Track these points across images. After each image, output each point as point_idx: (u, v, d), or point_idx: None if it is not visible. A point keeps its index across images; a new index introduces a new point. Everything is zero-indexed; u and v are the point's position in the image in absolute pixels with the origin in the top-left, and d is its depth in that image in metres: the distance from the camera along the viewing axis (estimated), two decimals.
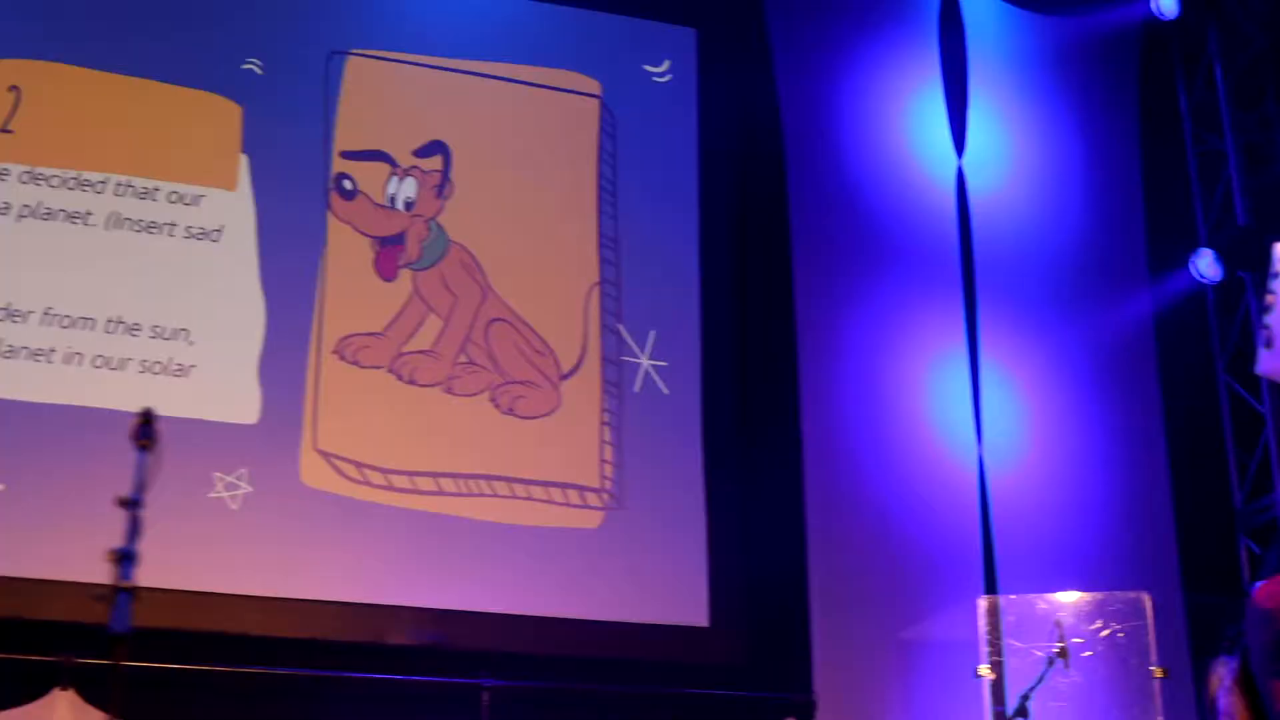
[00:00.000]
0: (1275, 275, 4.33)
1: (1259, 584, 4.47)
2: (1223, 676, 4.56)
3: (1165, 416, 9.27)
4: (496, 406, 8.20)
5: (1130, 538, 8.98)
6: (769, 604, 8.37)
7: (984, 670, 7.24)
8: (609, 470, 8.32)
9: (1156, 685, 7.23)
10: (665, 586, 8.25)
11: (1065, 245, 9.34)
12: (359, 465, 7.88)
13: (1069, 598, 7.43)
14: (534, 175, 8.61)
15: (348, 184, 8.21)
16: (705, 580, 8.32)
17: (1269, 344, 4.31)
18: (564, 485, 8.21)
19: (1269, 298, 4.31)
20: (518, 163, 8.60)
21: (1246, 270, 9.41)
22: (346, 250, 8.15)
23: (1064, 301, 9.23)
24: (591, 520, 8.23)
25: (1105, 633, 7.36)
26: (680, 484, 8.43)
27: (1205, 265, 9.20)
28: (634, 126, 8.87)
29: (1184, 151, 9.82)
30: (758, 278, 8.89)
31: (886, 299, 8.87)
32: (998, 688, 7.45)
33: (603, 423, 8.38)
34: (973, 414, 8.84)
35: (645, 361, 8.53)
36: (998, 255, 9.16)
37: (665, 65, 9.02)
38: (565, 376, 8.37)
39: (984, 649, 7.24)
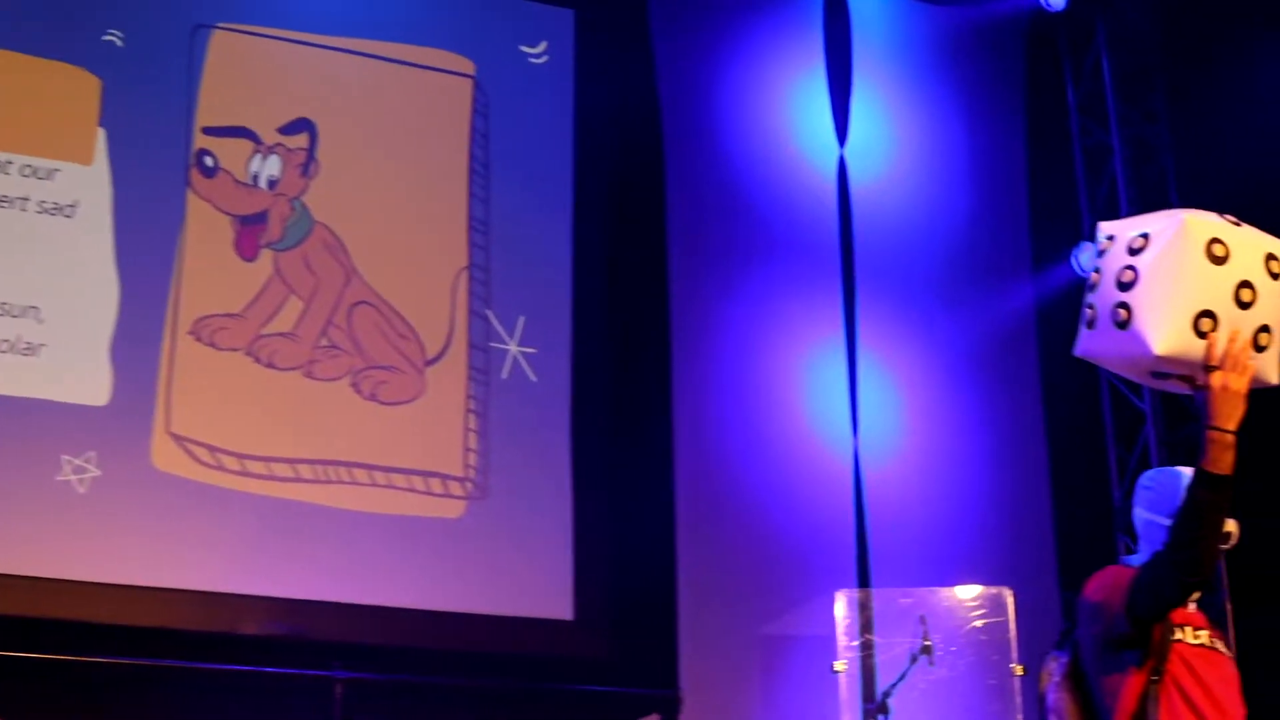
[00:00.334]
0: (1101, 254, 4.19)
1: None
2: (1053, 672, 4.44)
3: (1045, 411, 9.18)
4: (358, 392, 8.00)
5: (1008, 533, 8.89)
6: (636, 598, 8.20)
7: (839, 666, 7.10)
8: (473, 459, 8.13)
9: (1016, 683, 7.12)
10: (528, 578, 8.08)
11: (948, 237, 9.23)
12: (213, 450, 7.66)
13: (934, 593, 7.31)
14: (403, 156, 8.40)
15: (209, 161, 7.98)
16: (570, 573, 8.15)
17: (1091, 324, 4.17)
18: (426, 473, 8.02)
19: (1094, 276, 4.17)
20: (387, 143, 8.38)
21: None
22: (206, 229, 7.92)
23: (945, 294, 9.13)
24: (454, 510, 8.04)
25: (969, 628, 7.24)
26: (546, 474, 8.26)
27: (1086, 259, 9.08)
28: (508, 108, 8.68)
29: (1070, 144, 9.72)
30: (632, 265, 8.72)
31: (764, 288, 8.72)
32: (869, 683, 7.32)
33: (468, 410, 8.19)
34: (849, 406, 8.71)
35: (514, 348, 8.35)
36: (879, 246, 9.03)
37: (542, 46, 8.84)
38: (430, 362, 8.18)
39: (840, 644, 7.10)
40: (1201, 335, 3.94)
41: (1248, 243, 4.02)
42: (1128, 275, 4.03)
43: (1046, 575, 8.91)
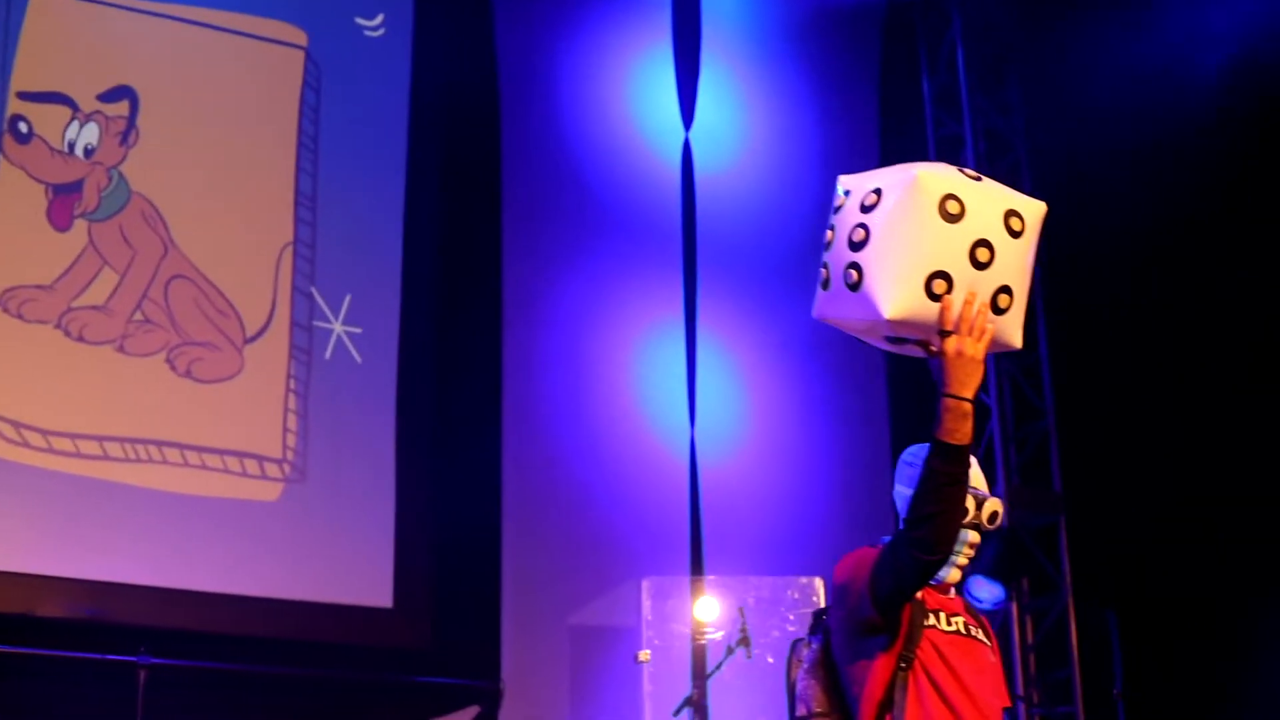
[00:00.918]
0: (837, 210, 3.98)
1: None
2: (804, 658, 4.24)
3: (890, 399, 9.04)
4: (173, 368, 7.73)
5: (853, 523, 8.74)
6: (458, 586, 7.99)
7: (643, 656, 6.92)
8: (292, 440, 7.88)
9: None
10: (347, 564, 7.84)
11: (795, 224, 9.04)
12: (17, 425, 7.37)
13: (749, 581, 7.15)
14: (229, 127, 8.13)
15: (23, 126, 7.69)
16: (391, 559, 7.92)
17: (825, 285, 3.95)
18: (242, 454, 7.76)
19: (828, 234, 3.96)
20: (212, 113, 8.11)
21: None
22: (17, 197, 7.62)
23: (792, 281, 8.94)
24: (270, 492, 7.79)
25: (791, 616, 7.09)
26: (369, 457, 8.02)
27: None
28: (341, 81, 8.44)
29: (924, 134, 9.57)
30: (464, 245, 8.50)
31: (600, 271, 8.53)
32: (699, 673, 7.15)
33: (288, 390, 7.95)
34: (687, 392, 8.52)
35: (338, 327, 8.11)
36: (724, 231, 8.86)
37: (379, 19, 8.59)
38: (250, 340, 7.92)
39: (645, 634, 6.92)
40: (935, 298, 3.74)
41: (986, 198, 3.80)
42: (859, 234, 3.81)
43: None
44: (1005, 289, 3.80)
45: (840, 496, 8.77)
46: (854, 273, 3.82)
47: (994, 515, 4.18)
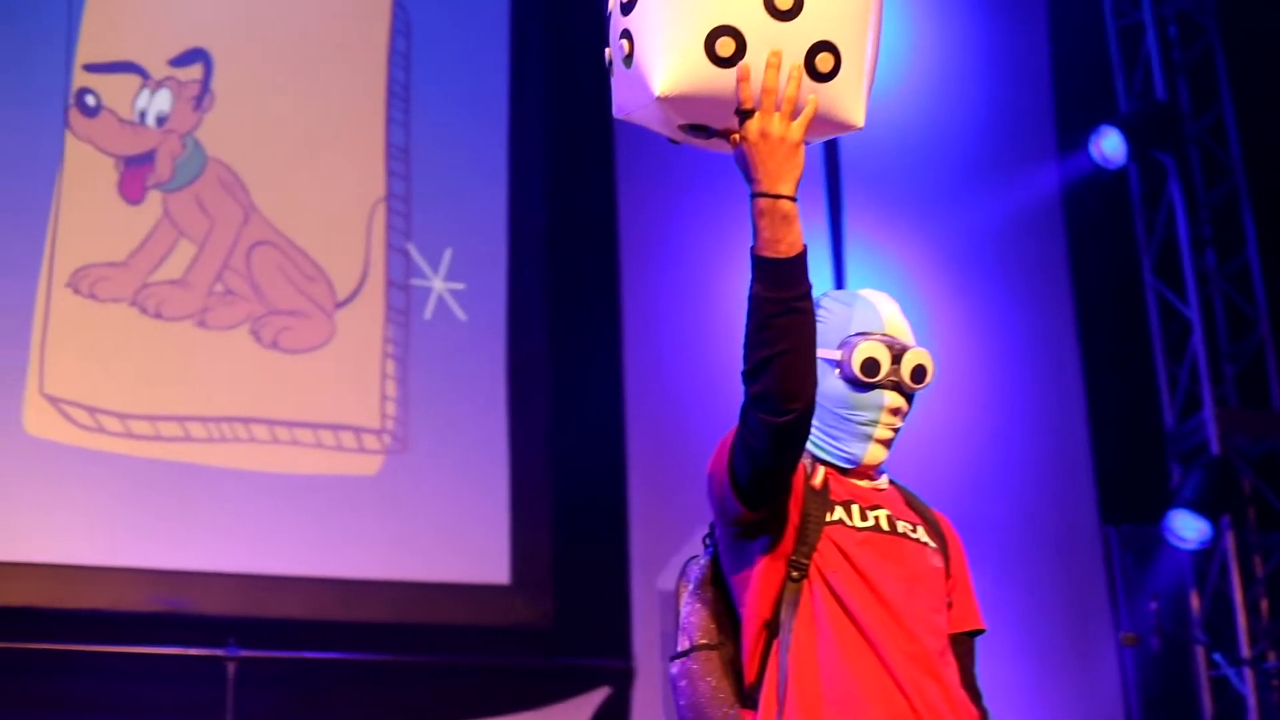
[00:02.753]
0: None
1: None
2: (690, 578, 3.36)
3: (1079, 323, 8.00)
4: (258, 340, 7.20)
5: (1042, 459, 7.79)
6: (582, 558, 7.26)
7: None
8: (391, 409, 7.28)
9: None
10: (457, 539, 7.20)
11: (961, 134, 8.13)
12: (92, 411, 6.93)
13: None
14: (311, 82, 7.58)
15: (90, 100, 7.27)
16: (506, 531, 7.24)
17: (609, 67, 3.09)
18: (336, 427, 7.19)
19: (611, 2, 3.07)
20: (292, 69, 7.57)
21: (1168, 153, 8.05)
22: (86, 172, 7.19)
23: (957, 199, 8.02)
24: (369, 466, 7.19)
25: None
26: (478, 421, 7.36)
27: (1110, 146, 7.81)
28: (434, 25, 7.80)
29: (1103, 26, 8.47)
30: (574, 185, 7.78)
31: (726, 202, 7.65)
32: None
33: (385, 355, 7.34)
34: None
35: (439, 284, 7.47)
36: (873, 146, 7.93)
37: None
38: (341, 304, 7.34)
39: None
40: (723, 63, 2.87)
41: None
42: None
43: (1085, 508, 7.76)
44: (824, 45, 2.90)
45: (1027, 429, 7.81)
46: (625, 43, 2.98)
47: (918, 370, 3.24)
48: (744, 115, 2.87)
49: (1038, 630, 7.58)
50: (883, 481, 3.31)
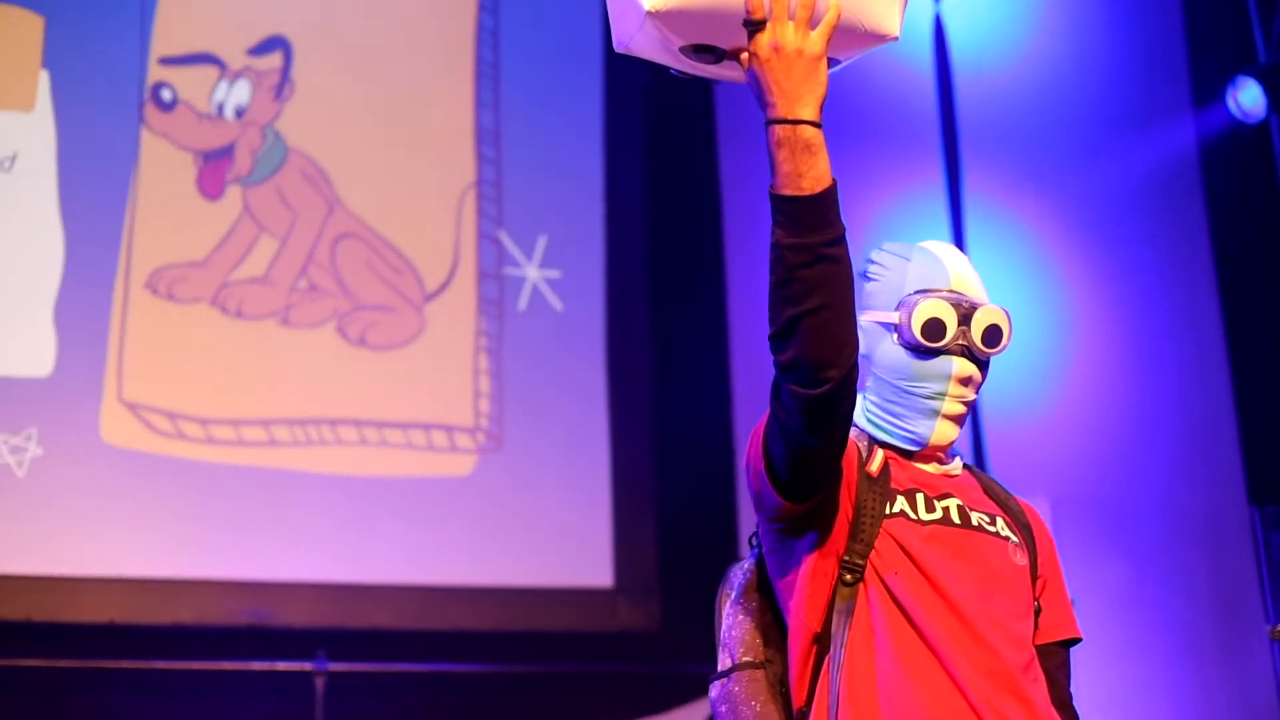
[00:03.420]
0: None
1: None
2: (733, 584, 2.93)
3: (1220, 290, 7.45)
4: (344, 337, 6.87)
5: (1184, 431, 7.27)
6: (689, 559, 6.82)
7: None
8: (485, 405, 6.91)
9: None
10: (557, 541, 6.83)
11: (1085, 95, 7.60)
12: (172, 416, 6.65)
13: None
14: (394, 66, 7.24)
15: (166, 94, 6.99)
16: (609, 532, 6.87)
17: None
18: (428, 426, 6.84)
19: None
20: (374, 53, 7.24)
21: None
22: (162, 169, 6.91)
23: (1096, 142, 7.53)
24: (463, 466, 6.84)
25: None
26: (577, 417, 6.98)
27: (1249, 98, 7.23)
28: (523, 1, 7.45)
29: None
30: (675, 165, 7.36)
31: (843, 172, 7.23)
32: None
33: (478, 348, 6.98)
34: None
35: (533, 273, 7.10)
36: (990, 111, 7.48)
37: None
38: (431, 297, 6.99)
39: None
40: None
41: None
42: None
43: (1234, 488, 7.21)
44: None
45: (1166, 399, 7.30)
46: None
47: (991, 332, 2.79)
48: (753, 28, 2.44)
49: (1184, 623, 7.07)
50: (954, 466, 2.86)
